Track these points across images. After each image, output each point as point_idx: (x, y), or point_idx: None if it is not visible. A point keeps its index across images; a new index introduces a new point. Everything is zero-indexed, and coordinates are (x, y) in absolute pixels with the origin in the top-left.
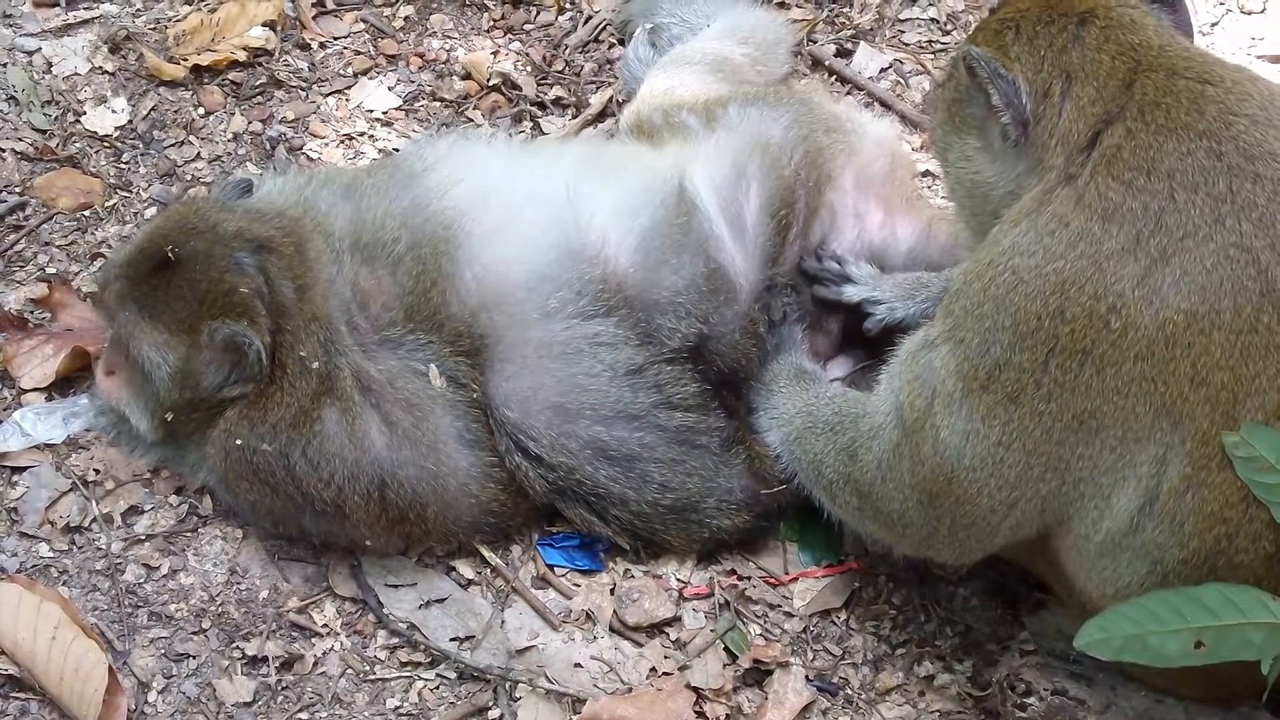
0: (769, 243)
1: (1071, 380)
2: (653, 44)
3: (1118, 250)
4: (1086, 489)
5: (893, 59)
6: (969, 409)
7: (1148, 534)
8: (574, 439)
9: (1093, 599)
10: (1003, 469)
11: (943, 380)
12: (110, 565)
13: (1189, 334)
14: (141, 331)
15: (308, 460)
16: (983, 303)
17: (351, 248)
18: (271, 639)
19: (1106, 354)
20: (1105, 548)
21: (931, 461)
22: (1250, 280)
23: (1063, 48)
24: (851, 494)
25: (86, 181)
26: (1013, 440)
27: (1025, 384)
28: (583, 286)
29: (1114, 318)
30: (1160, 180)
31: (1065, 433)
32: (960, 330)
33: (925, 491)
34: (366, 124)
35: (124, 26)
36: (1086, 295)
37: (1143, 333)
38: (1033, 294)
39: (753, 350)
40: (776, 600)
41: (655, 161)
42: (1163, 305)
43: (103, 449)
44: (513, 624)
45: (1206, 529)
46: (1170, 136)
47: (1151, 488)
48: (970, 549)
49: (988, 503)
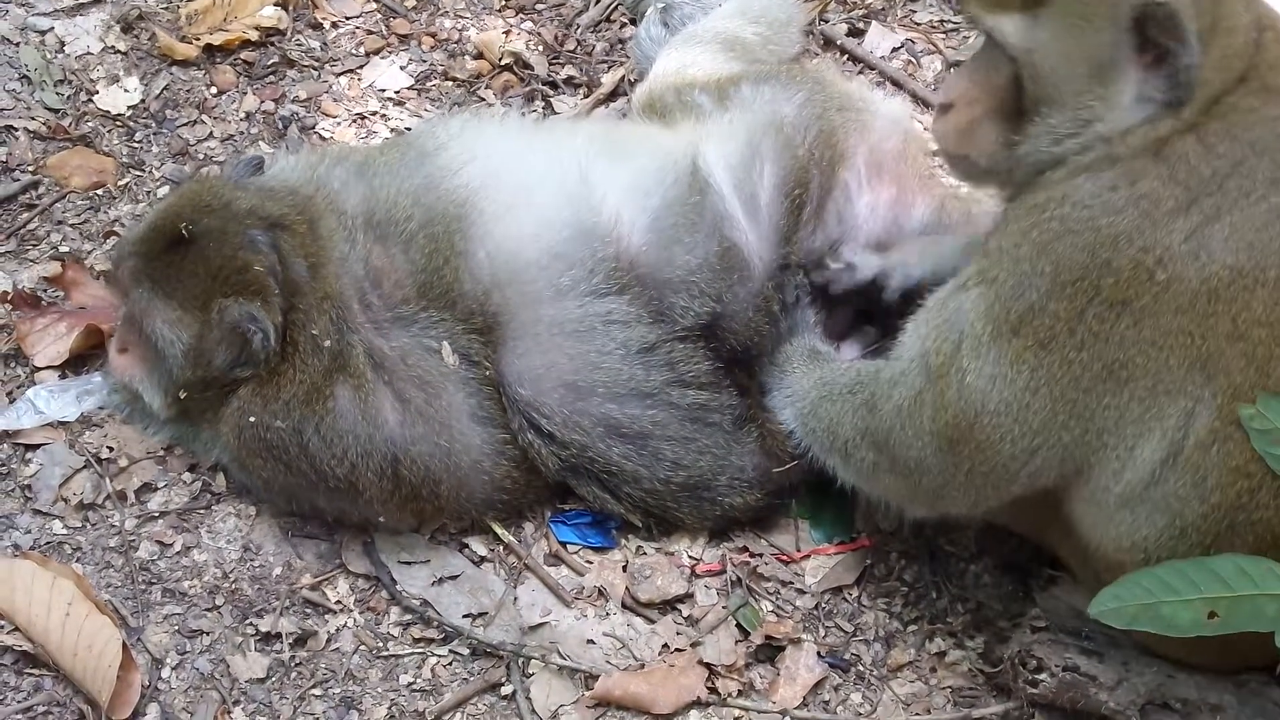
0: (783, 221)
1: (1107, 330)
2: (665, 23)
3: (1174, 209)
4: (1110, 439)
5: (904, 38)
6: (997, 353)
7: (1169, 486)
8: (586, 416)
9: (1108, 553)
10: (1028, 415)
11: (971, 323)
12: (124, 542)
13: (1232, 289)
14: (155, 309)
15: (321, 437)
16: (1021, 245)
17: (364, 226)
18: (285, 615)
19: (1147, 306)
20: (1125, 499)
21: (955, 406)
22: None
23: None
24: (868, 449)
25: (99, 161)
26: (1040, 386)
27: (1058, 331)
28: (595, 265)
29: (1160, 271)
30: (1239, 147)
31: (1094, 381)
32: (993, 271)
33: (946, 438)
34: (379, 103)
35: (136, 6)
36: (1135, 248)
37: (1186, 286)
38: (1081, 245)
39: (766, 328)
40: (788, 577)
41: (668, 140)
42: (1209, 260)
43: (116, 426)
44: (525, 601)
45: (1229, 483)
46: (1271, 100)
47: (1177, 440)
48: (986, 496)
49: (1009, 449)
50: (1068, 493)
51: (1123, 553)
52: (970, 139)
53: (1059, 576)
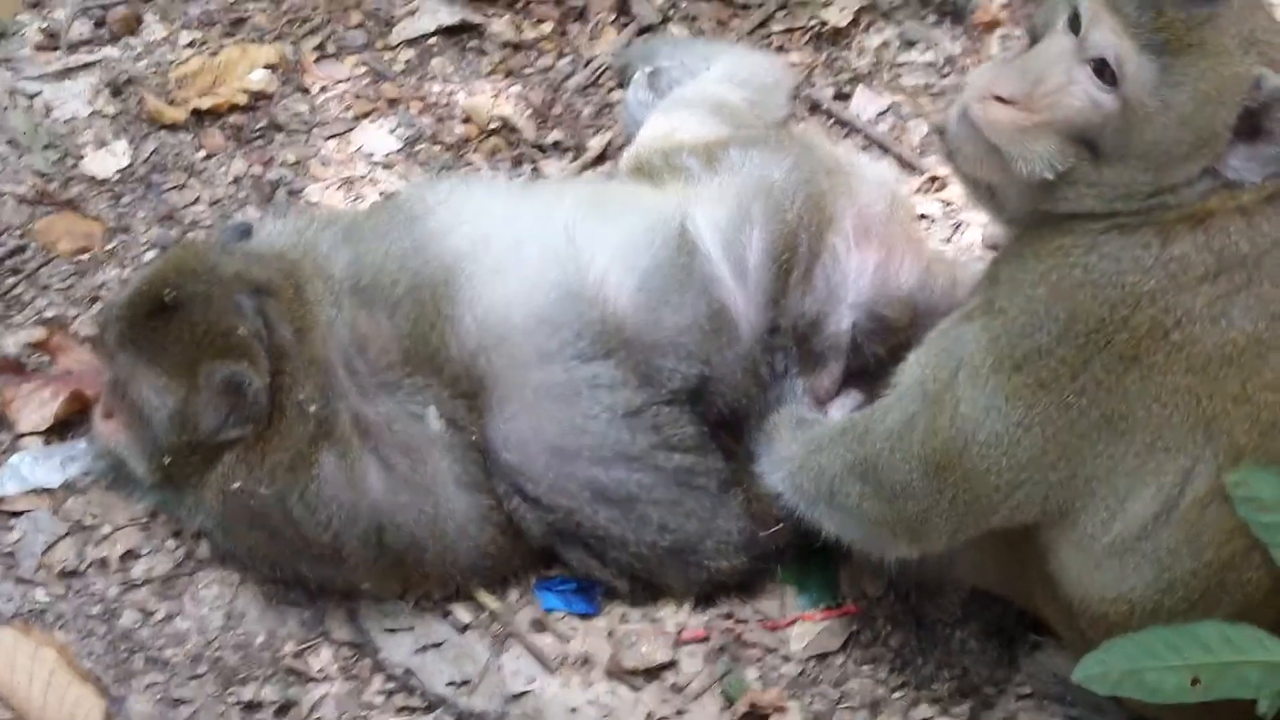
0: (771, 285)
1: (1113, 381)
2: (652, 87)
3: (1202, 275)
4: (1099, 487)
5: (891, 102)
6: (995, 385)
7: (1161, 540)
8: (573, 480)
9: (1093, 604)
10: (1017, 450)
11: (972, 353)
12: (107, 610)
13: (1245, 355)
14: (140, 374)
15: (305, 504)
16: (1038, 286)
17: (351, 290)
18: (268, 684)
19: (1158, 363)
20: (1114, 549)
21: (946, 433)
22: None
23: None
24: (855, 481)
25: (86, 225)
26: (1033, 424)
27: (1061, 374)
28: (582, 328)
29: (1176, 332)
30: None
31: (1090, 428)
32: (1001, 305)
33: (934, 463)
34: (367, 167)
35: (125, 70)
36: (1156, 308)
37: (1201, 349)
38: (1101, 299)
39: (754, 390)
40: (774, 644)
41: (656, 203)
42: (1229, 326)
43: (100, 493)
44: (509, 668)
45: (1223, 542)
46: None
47: (1173, 496)
48: (966, 526)
49: (994, 480)
50: (1053, 541)
51: (1108, 604)
52: (1028, 140)
53: (1043, 642)
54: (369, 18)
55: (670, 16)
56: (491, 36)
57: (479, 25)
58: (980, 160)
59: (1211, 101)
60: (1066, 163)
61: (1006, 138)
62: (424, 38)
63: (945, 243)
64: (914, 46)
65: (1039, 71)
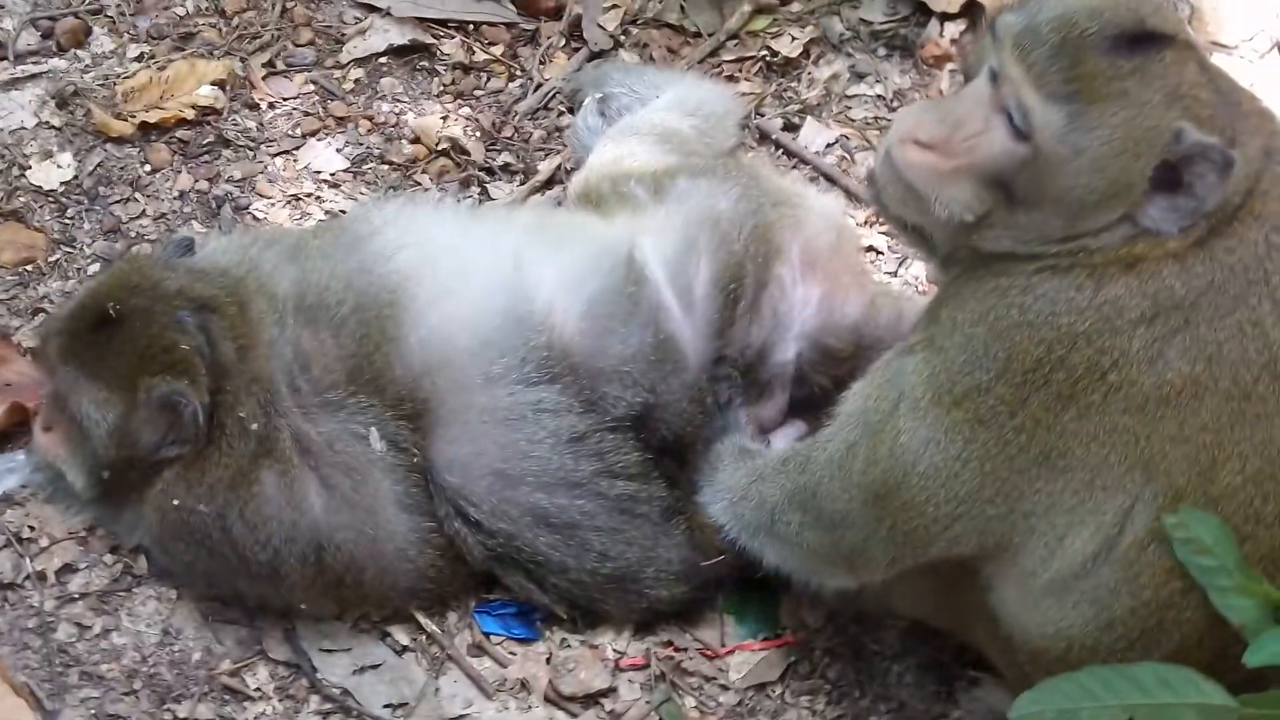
0: (718, 315)
1: (1050, 420)
2: (602, 113)
3: (1138, 318)
4: (1038, 524)
5: (839, 134)
6: (934, 419)
7: (1100, 579)
8: (514, 505)
9: (1032, 639)
10: (955, 483)
11: (913, 386)
12: (42, 623)
13: (1183, 396)
14: (81, 388)
15: (244, 522)
16: (977, 325)
17: (295, 309)
18: (203, 701)
19: (1095, 403)
20: (1052, 587)
21: (886, 462)
22: (1256, 353)
23: None
24: (795, 509)
25: (30, 236)
26: (971, 459)
27: (1000, 412)
28: (528, 353)
29: (1114, 373)
30: (1218, 269)
31: (1029, 464)
32: (942, 339)
33: (873, 491)
34: (314, 185)
35: (72, 82)
36: (1093, 349)
37: (1138, 389)
38: (1037, 339)
39: (700, 419)
40: (712, 672)
41: (604, 230)
42: (1165, 367)
43: (38, 506)
44: (447, 692)
45: (1162, 583)
46: (1253, 225)
47: (1112, 536)
48: (904, 555)
49: (933, 512)
50: (993, 576)
51: (1046, 639)
52: (944, 185)
53: (981, 678)
54: (319, 35)
55: (621, 43)
56: (442, 57)
57: (430, 46)
58: (903, 202)
59: (1128, 151)
60: (983, 207)
61: (924, 181)
62: (374, 57)
63: (891, 276)
64: (864, 79)
65: (959, 117)
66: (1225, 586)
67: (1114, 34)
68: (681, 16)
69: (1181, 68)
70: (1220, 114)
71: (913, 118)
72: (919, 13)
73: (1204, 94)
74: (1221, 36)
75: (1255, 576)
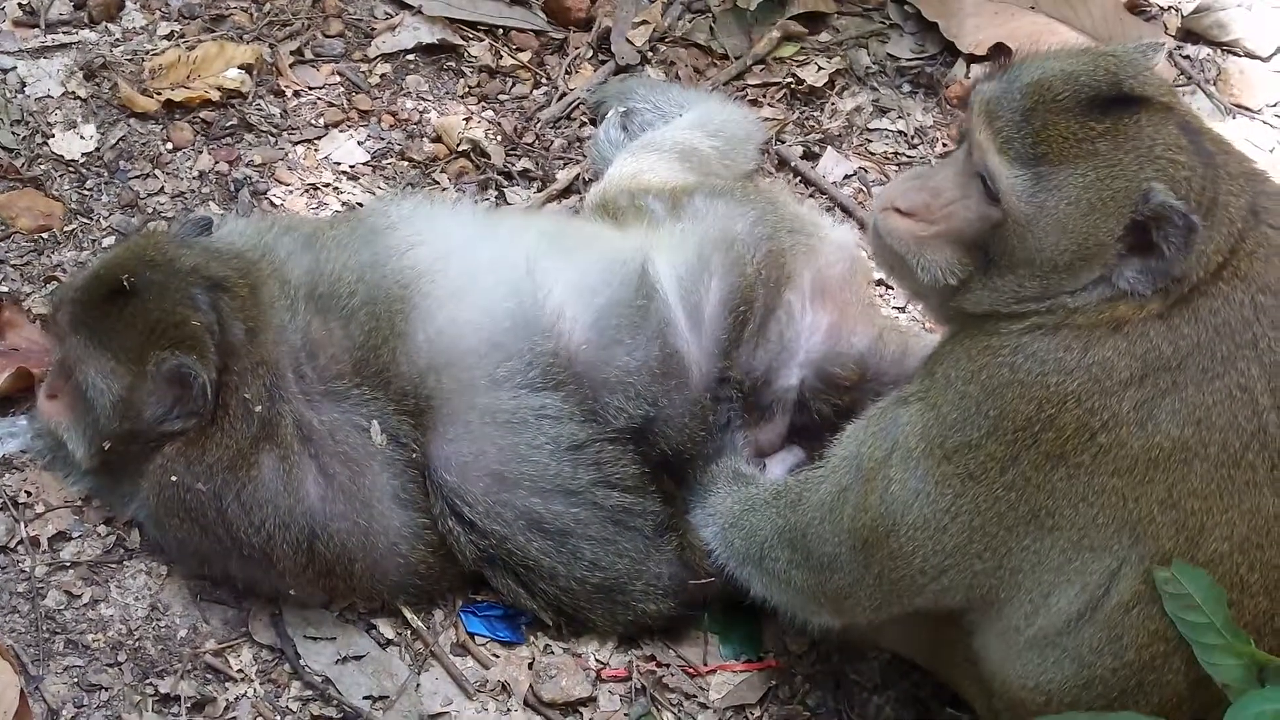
0: (725, 335)
1: (1040, 479)
2: (624, 127)
3: (1127, 380)
4: (1025, 580)
5: (858, 166)
6: (925, 471)
7: (1083, 638)
8: (509, 508)
9: (1013, 690)
10: (943, 536)
11: (906, 436)
12: (32, 589)
13: (1172, 460)
14: (89, 357)
15: (240, 504)
16: (970, 381)
17: (307, 297)
18: (185, 679)
19: (1084, 463)
20: (1036, 642)
21: (876, 510)
22: (1245, 420)
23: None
24: (784, 547)
25: (47, 204)
26: (960, 513)
27: (990, 468)
28: (534, 358)
29: (1103, 434)
30: (1204, 330)
31: (1017, 521)
32: (937, 396)
33: (862, 538)
34: (333, 175)
35: (101, 55)
36: (1083, 410)
37: (1127, 451)
38: (1028, 397)
39: (700, 436)
40: (693, 690)
41: (618, 243)
42: (1155, 430)
43: (36, 472)
44: (428, 688)
45: (1145, 645)
46: (1238, 287)
47: (1097, 596)
48: (890, 603)
49: (920, 564)
50: (977, 624)
51: (1027, 692)
52: (924, 250)
53: (960, 717)
54: (349, 28)
55: (649, 59)
56: (470, 59)
57: (458, 47)
58: (890, 268)
59: (1096, 211)
60: (964, 270)
61: (905, 247)
62: (402, 53)
63: (900, 311)
64: (886, 114)
65: (938, 184)
66: (1212, 645)
67: (1088, 97)
68: (710, 37)
69: (1158, 128)
70: (1200, 174)
71: (896, 187)
72: (946, 52)
73: (1181, 155)
74: (1246, 100)
75: (1242, 636)
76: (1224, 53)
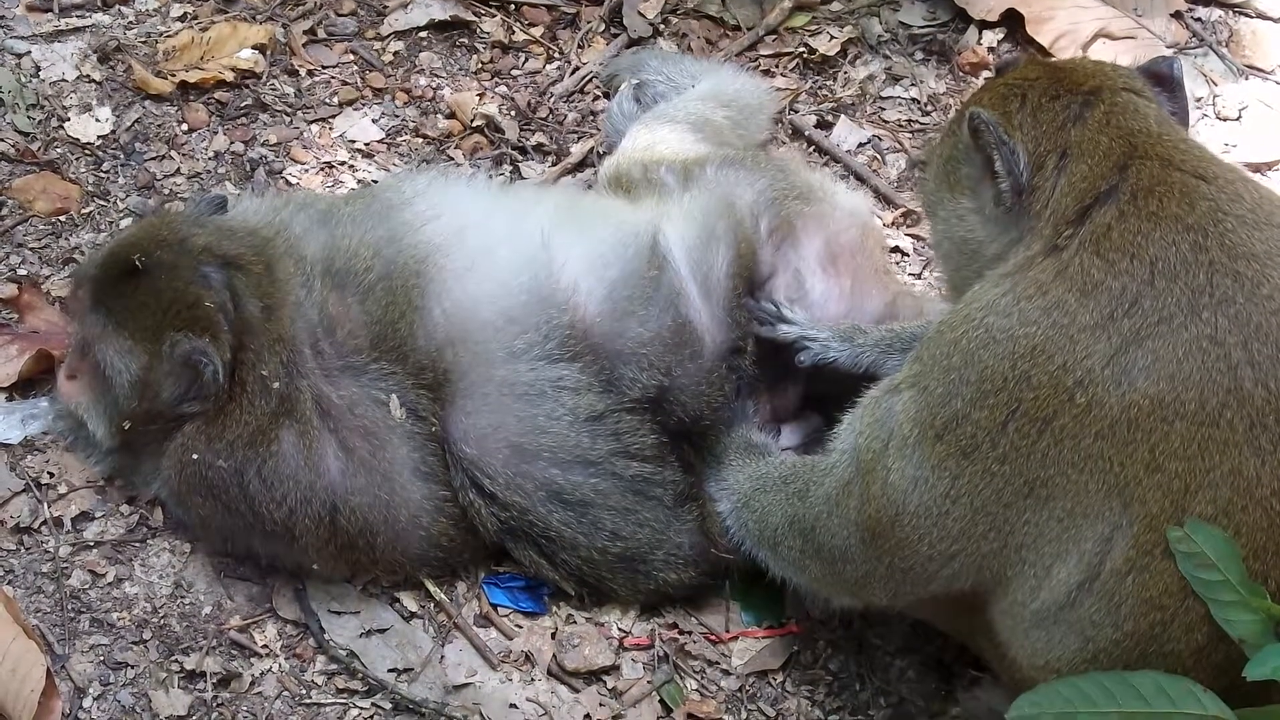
0: (735, 304)
1: (1028, 446)
2: (637, 99)
3: (1090, 325)
4: (1028, 555)
5: (871, 135)
6: (921, 456)
7: (1084, 610)
8: (529, 480)
9: (1022, 668)
10: (946, 521)
11: (900, 424)
12: (56, 569)
13: (1152, 420)
14: (106, 337)
15: (262, 480)
16: (951, 354)
17: (323, 273)
18: (211, 655)
19: (1067, 426)
20: (1040, 618)
21: (879, 501)
22: (1220, 375)
23: (1064, 123)
24: (796, 537)
25: (65, 187)
26: (960, 495)
27: (981, 441)
28: (550, 330)
29: (1080, 392)
30: (1142, 265)
31: (1014, 496)
32: (925, 378)
33: (869, 530)
34: (348, 154)
35: (115, 37)
36: (1055, 365)
37: (1107, 411)
38: (1002, 354)
39: (718, 402)
40: (715, 657)
41: (631, 215)
42: (1130, 388)
43: (58, 453)
44: (452, 660)
45: (1143, 614)
46: (1158, 224)
47: (1094, 565)
48: (904, 592)
49: (927, 550)
50: (988, 601)
51: (1036, 670)
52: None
53: (982, 678)
54: (361, 6)
55: (661, 31)
56: (482, 35)
57: (470, 23)
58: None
59: (950, 161)
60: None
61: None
62: (415, 30)
63: (915, 278)
64: (899, 82)
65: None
66: (1228, 601)
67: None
68: (722, 9)
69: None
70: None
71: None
72: (958, 19)
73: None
74: (1258, 61)
75: (1259, 591)
76: (1235, 14)
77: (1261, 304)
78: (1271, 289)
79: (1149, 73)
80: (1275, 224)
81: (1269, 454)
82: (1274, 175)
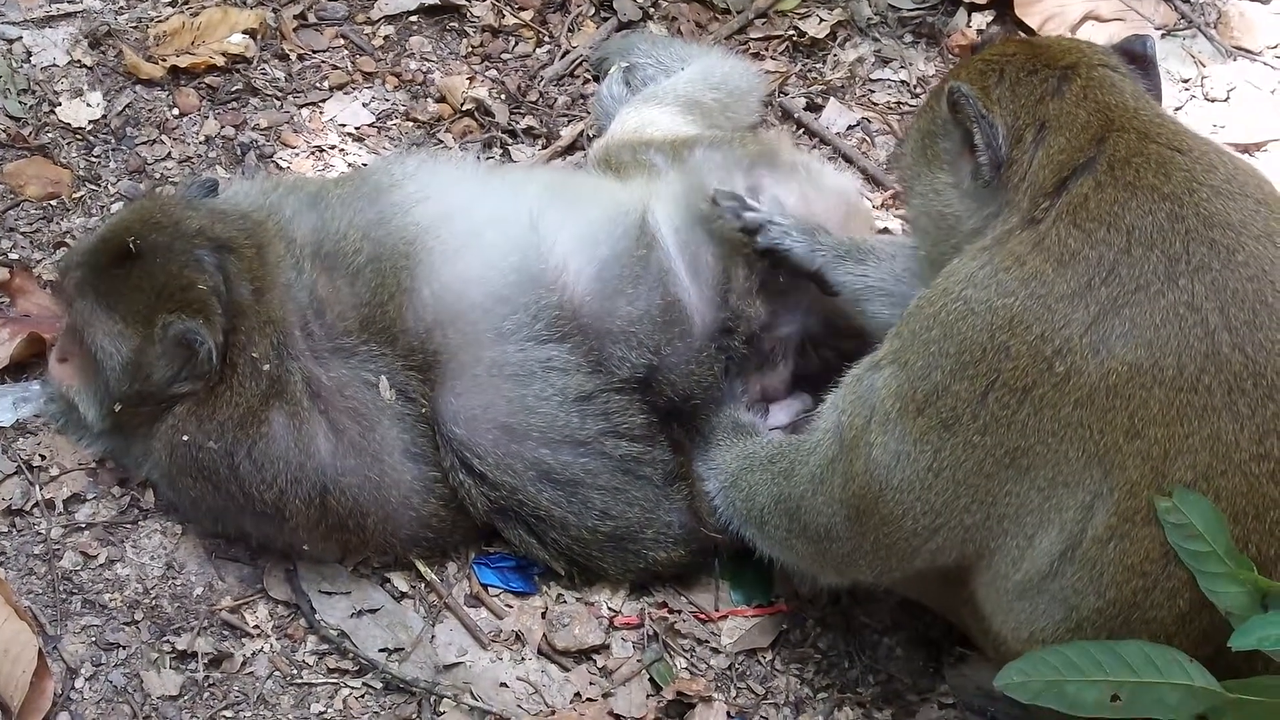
0: (723, 283)
1: (1009, 416)
2: (627, 82)
3: (1068, 294)
4: (1010, 526)
5: (860, 117)
6: (903, 430)
7: (1066, 579)
8: (519, 460)
9: (1007, 641)
10: (929, 495)
11: (882, 400)
12: (48, 550)
13: (1130, 386)
14: (97, 320)
15: (252, 461)
16: (931, 327)
17: (313, 255)
18: (202, 635)
19: (1046, 395)
20: (1023, 589)
21: (862, 478)
22: (1197, 340)
23: (1042, 97)
24: (782, 516)
25: (56, 172)
26: (943, 468)
27: (961, 413)
28: (539, 311)
29: (1058, 361)
30: (1119, 234)
31: (996, 467)
32: (906, 353)
33: (853, 507)
34: (338, 137)
35: (106, 22)
36: (1033, 335)
37: (1085, 379)
38: (980, 326)
39: (707, 381)
40: (705, 636)
41: (620, 195)
42: (1109, 355)
43: (50, 435)
44: (442, 639)
45: (1124, 581)
46: (1135, 194)
47: (1075, 534)
48: (890, 568)
49: (911, 525)
50: (972, 575)
51: (1020, 643)
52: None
53: (969, 655)
54: None
55: (650, 14)
56: (472, 19)
57: (460, 7)
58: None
59: (929, 135)
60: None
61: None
62: (405, 15)
63: None
64: (888, 64)
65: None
66: (1214, 572)
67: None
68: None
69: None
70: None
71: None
72: (947, 2)
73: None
74: (1246, 42)
75: (1245, 563)
76: None
77: (1237, 270)
78: (1246, 256)
79: (1124, 51)
80: (1249, 194)
81: (1247, 418)
82: (1261, 156)
